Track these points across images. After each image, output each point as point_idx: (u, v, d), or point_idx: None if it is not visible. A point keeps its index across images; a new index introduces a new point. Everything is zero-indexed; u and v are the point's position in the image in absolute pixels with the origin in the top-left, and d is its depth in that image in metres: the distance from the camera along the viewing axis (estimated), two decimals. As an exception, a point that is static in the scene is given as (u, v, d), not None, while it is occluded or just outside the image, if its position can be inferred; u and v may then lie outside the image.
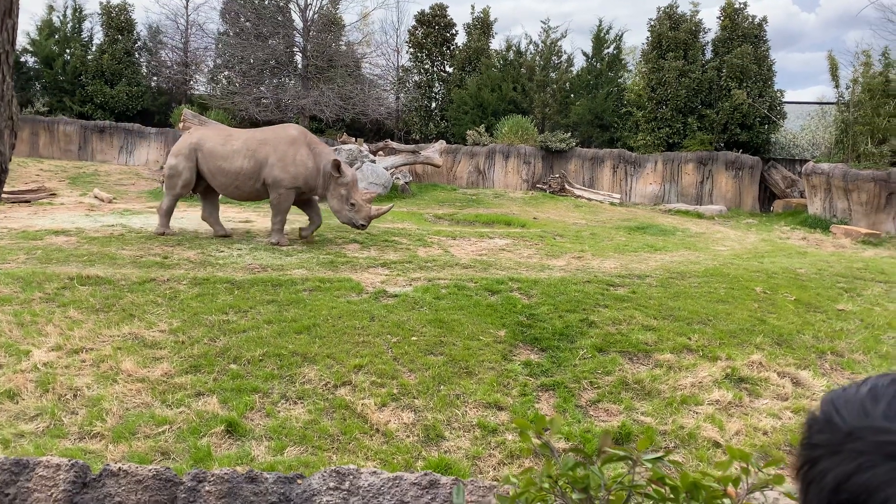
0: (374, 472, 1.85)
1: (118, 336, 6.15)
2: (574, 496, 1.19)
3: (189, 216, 12.93)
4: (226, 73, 26.64)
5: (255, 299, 7.50)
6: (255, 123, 24.88)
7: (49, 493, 1.62)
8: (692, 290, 8.75)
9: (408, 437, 4.94)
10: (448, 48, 26.89)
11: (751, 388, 6.21)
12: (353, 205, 10.39)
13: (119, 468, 1.68)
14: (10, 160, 1.28)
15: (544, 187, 21.79)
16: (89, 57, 26.34)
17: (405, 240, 11.55)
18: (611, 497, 1.19)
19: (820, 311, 8.44)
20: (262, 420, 5.05)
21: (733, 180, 21.28)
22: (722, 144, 22.13)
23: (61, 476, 1.63)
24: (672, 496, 1.17)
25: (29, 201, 14.17)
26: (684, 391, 5.92)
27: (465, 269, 9.63)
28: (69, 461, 1.66)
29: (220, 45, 26.56)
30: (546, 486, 1.19)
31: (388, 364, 6.13)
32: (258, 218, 13.15)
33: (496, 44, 27.27)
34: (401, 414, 5.27)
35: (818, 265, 10.99)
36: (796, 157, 22.67)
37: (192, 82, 28.42)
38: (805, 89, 78.36)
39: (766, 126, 22.00)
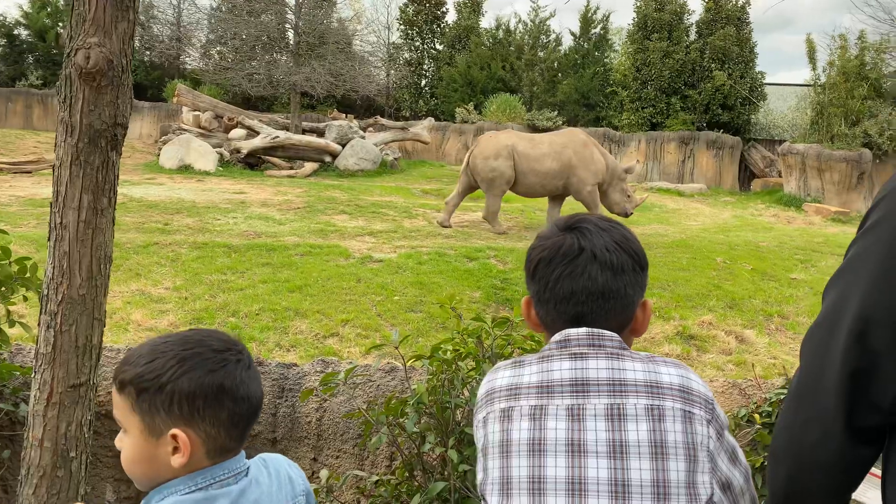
0: (350, 363, 2.49)
1: (127, 292, 6.76)
2: (472, 342, 1.83)
3: (185, 186, 13.48)
4: (218, 48, 26.93)
5: (251, 262, 8.12)
6: (247, 99, 25.27)
7: (113, 367, 2.25)
8: (656, 259, 9.42)
9: (388, 379, 5.60)
10: (438, 26, 27.28)
11: (699, 344, 6.89)
12: (628, 196, 11.59)
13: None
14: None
15: (530, 164, 22.33)
16: (83, 30, 26.56)
17: (392, 212, 12.16)
18: (496, 345, 1.83)
19: (774, 279, 9.13)
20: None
21: (714, 160, 21.88)
22: (704, 124, 22.74)
23: (121, 356, 2.26)
24: (538, 347, 1.80)
25: (30, 172, 14.68)
26: (636, 345, 6.59)
27: (447, 238, 10.27)
28: (126, 346, 2.28)
29: (212, 21, 26.83)
30: (456, 339, 1.82)
31: (372, 319, 6.77)
32: (251, 189, 13.73)
33: (486, 22, 27.72)
34: (382, 360, 5.92)
35: (780, 239, 11.69)
36: (776, 138, 23.30)
37: (184, 57, 28.70)
38: (798, 71, 78.85)
39: (747, 107, 22.60)
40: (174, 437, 1.18)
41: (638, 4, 23.57)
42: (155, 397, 1.20)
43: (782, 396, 2.41)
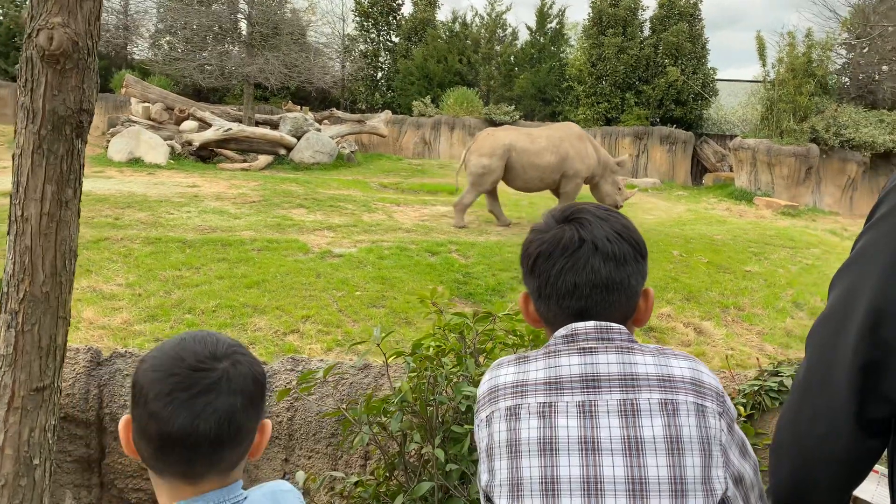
0: (322, 360, 2.42)
1: (77, 289, 6.52)
2: (453, 337, 1.78)
3: (136, 180, 13.11)
4: (168, 38, 26.26)
5: (207, 257, 7.93)
6: (198, 91, 24.72)
7: (72, 368, 2.13)
8: (616, 252, 9.52)
9: (351, 375, 5.53)
10: (394, 18, 27.09)
11: (659, 335, 6.98)
12: (619, 189, 11.95)
13: (126, 351, 2.21)
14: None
15: (487, 158, 22.38)
16: (23, 18, 25.65)
17: (350, 205, 12.02)
18: (478, 341, 1.79)
19: (729, 271, 9.31)
20: (217, 362, 5.55)
21: (667, 154, 22.24)
22: (657, 120, 23.09)
23: (81, 356, 2.14)
24: (521, 342, 1.77)
25: (-31, 164, 14.08)
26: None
27: (408, 232, 10.19)
28: (86, 346, 2.17)
29: (161, 10, 26.14)
30: (438, 333, 1.78)
31: (333, 315, 6.68)
32: (205, 183, 13.42)
33: (442, 15, 27.64)
34: (345, 356, 5.83)
35: (734, 232, 11.94)
36: (727, 133, 23.80)
37: (131, 47, 27.92)
38: (747, 67, 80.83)
39: (699, 103, 23.02)
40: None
41: (593, 0, 23.77)
42: None
43: (756, 388, 2.43)
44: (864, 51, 21.12)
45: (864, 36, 20.26)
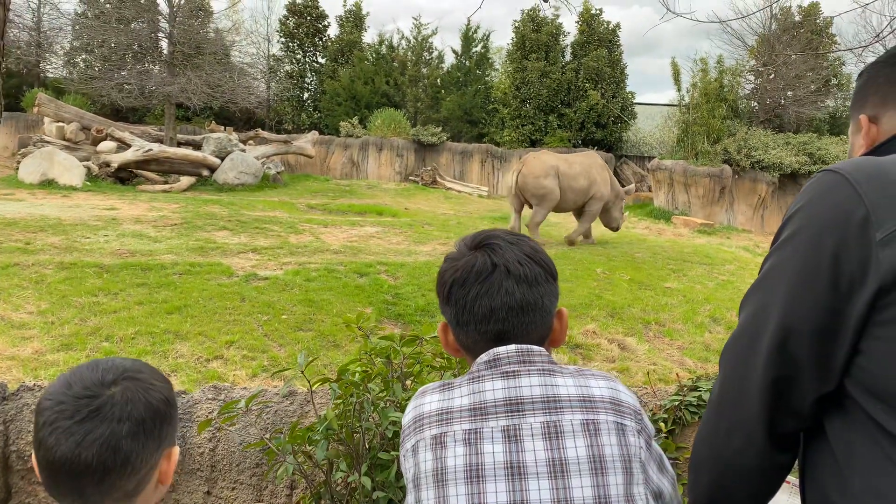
0: (245, 388, 2.36)
1: (-17, 318, 6.17)
2: (380, 362, 1.77)
3: (49, 202, 12.56)
4: (84, 56, 25.42)
5: (125, 282, 7.64)
6: (117, 110, 23.95)
7: (-26, 405, 2.01)
8: (542, 271, 9.68)
9: (278, 401, 5.39)
10: (320, 39, 27.00)
11: (584, 352, 7.11)
12: (622, 214, 13.21)
13: (34, 384, 2.10)
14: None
15: (417, 179, 22.49)
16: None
17: (276, 227, 11.84)
18: (405, 364, 1.79)
19: (650, 288, 9.60)
20: (136, 392, 5.32)
21: (590, 175, 22.82)
22: (579, 141, 23.73)
23: (-16, 391, 2.02)
24: (449, 364, 1.78)
25: None
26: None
27: (336, 254, 10.10)
28: (-10, 380, 2.05)
29: (76, 27, 25.30)
30: (364, 358, 1.76)
31: (258, 340, 6.52)
32: (123, 205, 12.97)
33: (369, 37, 27.74)
34: (271, 382, 5.70)
35: (653, 250, 12.34)
36: (645, 155, 24.66)
37: (45, 65, 26.86)
38: (663, 92, 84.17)
39: (619, 125, 23.80)
40: None
41: (516, 25, 24.33)
42: None
43: (676, 403, 2.51)
44: (771, 77, 22.31)
45: (770, 63, 21.40)
